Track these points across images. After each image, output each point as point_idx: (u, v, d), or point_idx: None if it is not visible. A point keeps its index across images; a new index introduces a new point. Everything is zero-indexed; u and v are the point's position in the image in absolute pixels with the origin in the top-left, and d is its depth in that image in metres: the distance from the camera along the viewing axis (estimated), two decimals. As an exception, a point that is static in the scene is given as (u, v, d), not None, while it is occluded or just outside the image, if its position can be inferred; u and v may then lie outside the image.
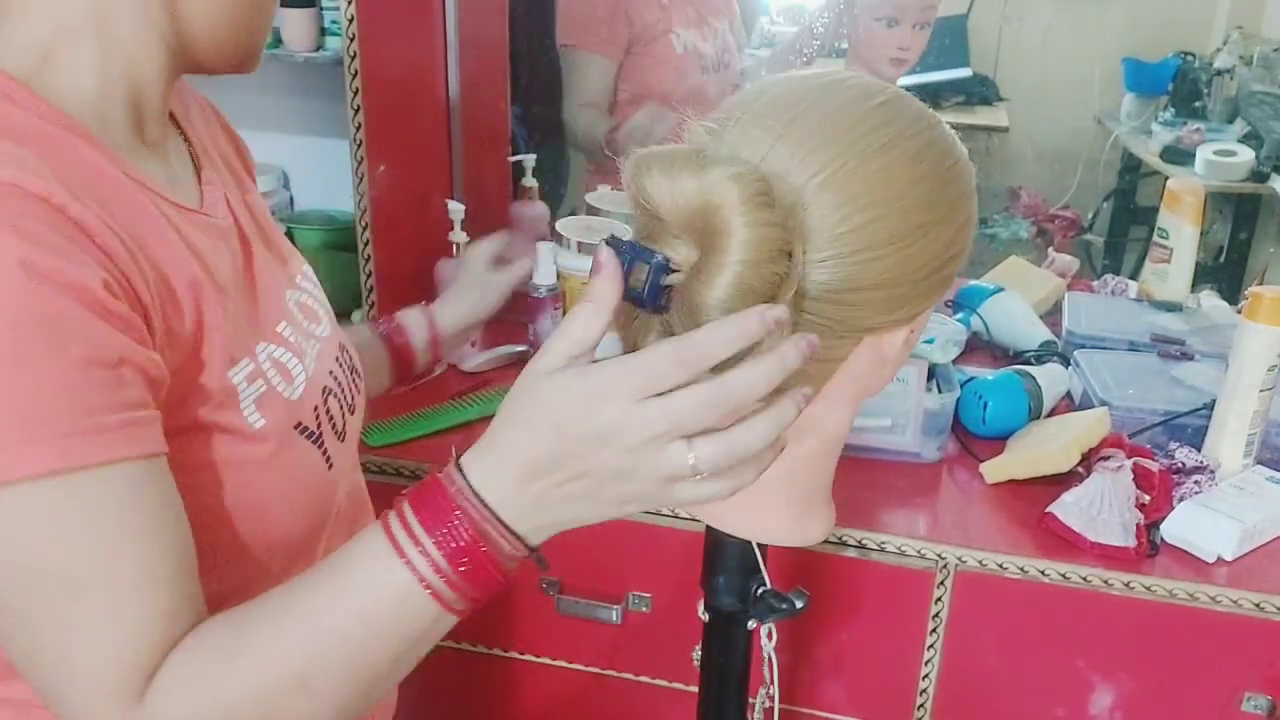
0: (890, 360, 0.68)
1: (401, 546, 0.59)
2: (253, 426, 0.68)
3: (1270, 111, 2.62)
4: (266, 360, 0.72)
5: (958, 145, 0.67)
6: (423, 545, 0.59)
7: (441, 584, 0.59)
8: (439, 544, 0.58)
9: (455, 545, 0.58)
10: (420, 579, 0.59)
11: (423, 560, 0.59)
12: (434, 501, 0.59)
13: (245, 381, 0.69)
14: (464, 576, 0.59)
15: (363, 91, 1.36)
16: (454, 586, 0.59)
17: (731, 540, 0.76)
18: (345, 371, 0.84)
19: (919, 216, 0.63)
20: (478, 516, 0.58)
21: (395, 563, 0.59)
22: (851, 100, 0.63)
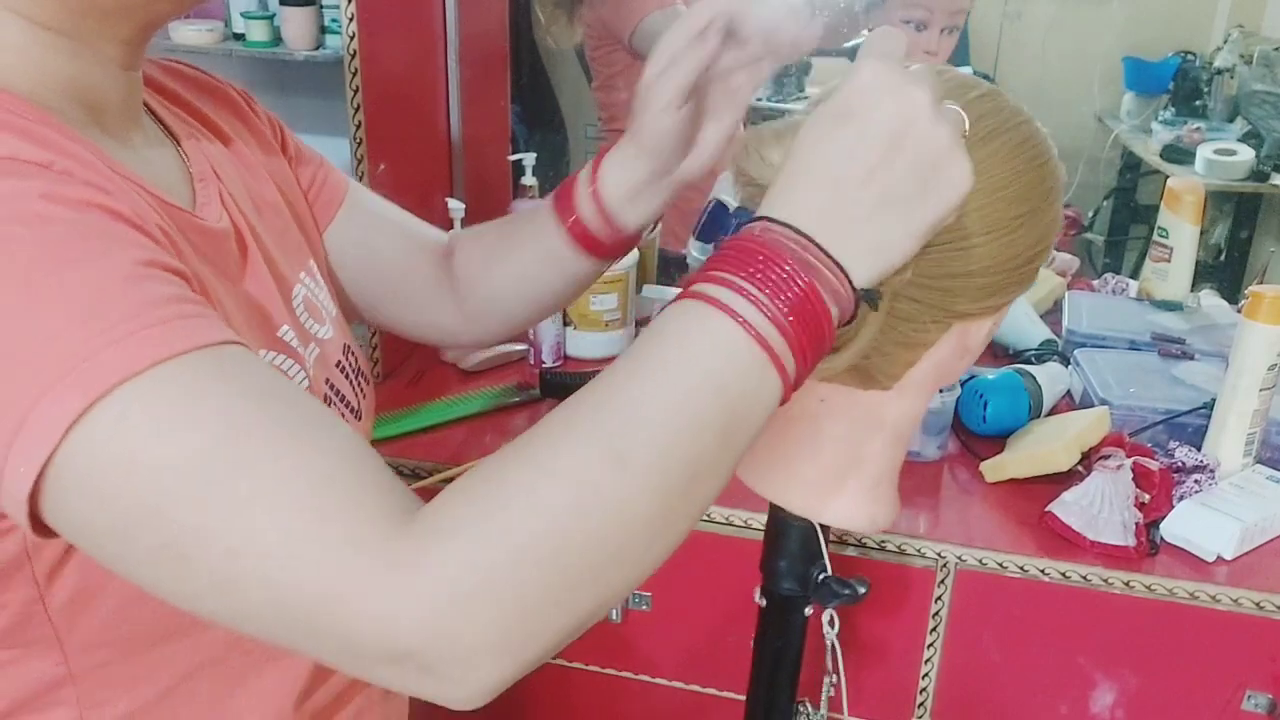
0: (972, 349, 0.69)
1: (713, 296, 0.51)
2: None
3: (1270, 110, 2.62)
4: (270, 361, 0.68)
5: (1050, 141, 0.68)
6: (736, 284, 0.51)
7: (765, 323, 0.51)
8: (753, 279, 0.51)
9: (774, 277, 0.51)
10: (740, 320, 0.51)
11: (740, 299, 0.51)
12: (736, 246, 0.53)
13: None
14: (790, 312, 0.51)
15: (363, 90, 1.36)
16: (779, 326, 0.51)
17: (794, 524, 0.76)
18: (349, 376, 0.80)
19: (1018, 207, 0.64)
20: (794, 245, 0.52)
21: (707, 310, 0.51)
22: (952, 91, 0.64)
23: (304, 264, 0.80)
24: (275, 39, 1.51)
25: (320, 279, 0.82)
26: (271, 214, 0.78)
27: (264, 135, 0.82)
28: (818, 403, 0.71)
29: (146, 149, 0.67)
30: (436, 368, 1.56)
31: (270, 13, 1.52)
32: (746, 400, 0.52)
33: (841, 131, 0.54)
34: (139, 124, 0.67)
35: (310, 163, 0.86)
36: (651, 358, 0.52)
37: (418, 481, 1.29)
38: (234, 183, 0.73)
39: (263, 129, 0.82)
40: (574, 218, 0.80)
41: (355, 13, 1.32)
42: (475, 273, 0.89)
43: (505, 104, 1.81)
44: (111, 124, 0.63)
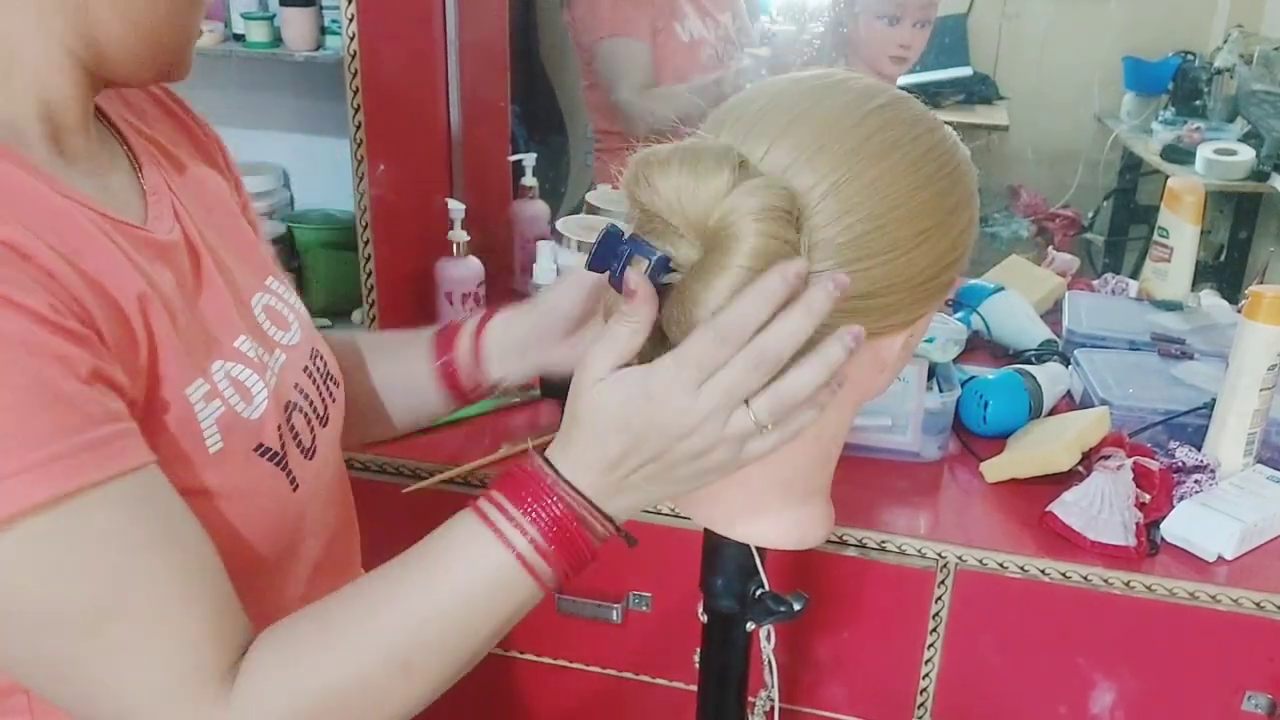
0: (889, 365, 0.68)
1: (499, 528, 0.63)
2: (210, 450, 0.65)
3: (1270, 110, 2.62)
4: (223, 379, 0.68)
5: (959, 149, 0.66)
6: (520, 525, 0.63)
7: (538, 560, 0.63)
8: (535, 522, 0.63)
9: (551, 523, 0.63)
10: (518, 556, 0.63)
11: (520, 538, 0.63)
12: (527, 486, 0.63)
13: (203, 401, 0.65)
14: (559, 552, 0.63)
15: (363, 91, 1.36)
16: (550, 561, 0.63)
17: (729, 542, 0.76)
18: (317, 381, 0.81)
19: (918, 224, 0.62)
20: (570, 499, 0.63)
21: (493, 543, 0.63)
22: (850, 103, 0.63)
23: (268, 272, 0.81)
24: (275, 40, 1.51)
25: (287, 285, 0.83)
26: (231, 225, 0.79)
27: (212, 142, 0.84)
28: None
29: (100, 167, 0.69)
30: (436, 368, 1.56)
31: (270, 14, 1.52)
32: (513, 609, 0.65)
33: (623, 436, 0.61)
34: (92, 139, 0.69)
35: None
36: (439, 577, 0.64)
37: (418, 482, 1.29)
38: (189, 197, 0.75)
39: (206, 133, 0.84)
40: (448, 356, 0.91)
41: (355, 14, 1.32)
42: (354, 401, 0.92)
43: (505, 104, 1.81)
44: (69, 142, 0.66)
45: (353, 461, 1.32)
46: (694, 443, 0.60)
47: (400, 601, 0.63)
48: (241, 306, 0.74)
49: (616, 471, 0.62)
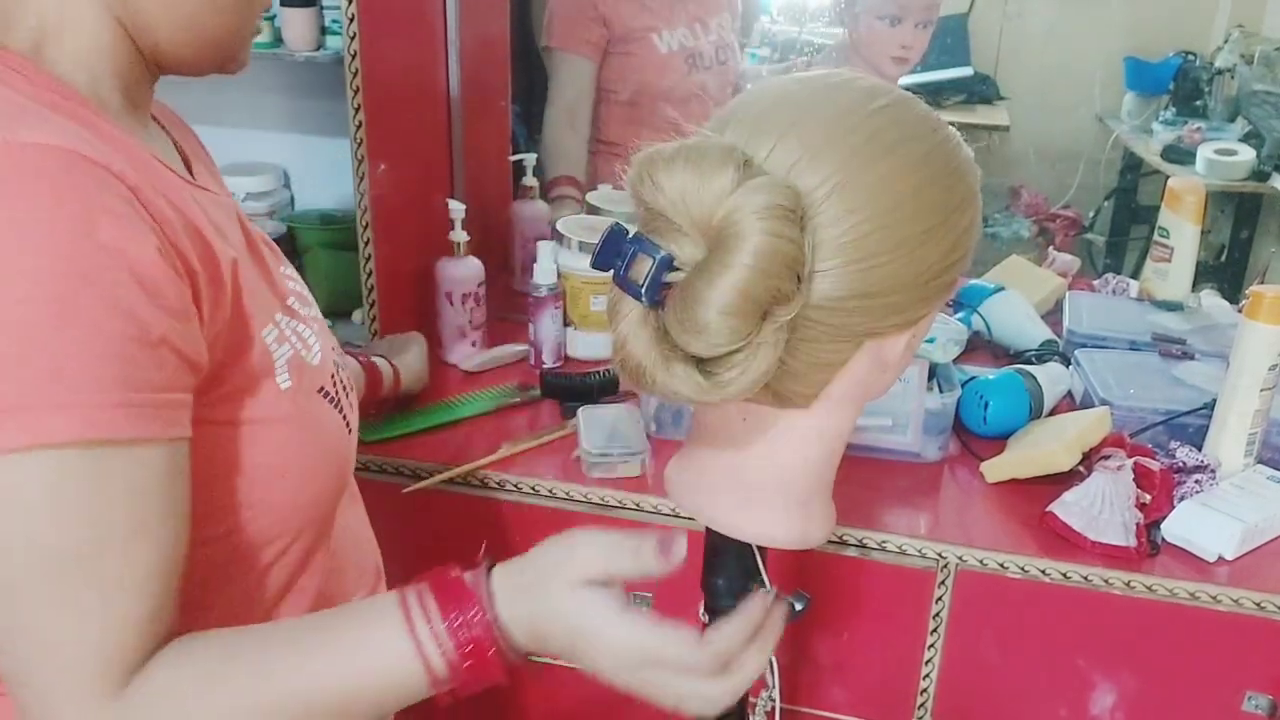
0: (891, 365, 0.68)
1: (413, 620, 0.64)
2: (282, 386, 0.70)
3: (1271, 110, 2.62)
4: (287, 328, 0.73)
5: (962, 148, 0.66)
6: (434, 626, 0.63)
7: (441, 665, 0.63)
8: (451, 629, 0.63)
9: (467, 637, 0.63)
10: (421, 655, 0.63)
11: (430, 640, 0.63)
12: (455, 591, 0.64)
13: (275, 343, 0.70)
14: (467, 668, 0.64)
15: (363, 91, 1.36)
16: (454, 673, 0.64)
17: (731, 542, 0.76)
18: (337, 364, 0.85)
19: (921, 223, 0.62)
20: (495, 624, 0.64)
21: (402, 633, 0.63)
22: (854, 103, 0.63)
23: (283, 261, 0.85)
24: (276, 40, 1.51)
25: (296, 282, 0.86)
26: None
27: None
28: (740, 421, 0.70)
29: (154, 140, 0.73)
30: (438, 368, 1.56)
31: (271, 14, 1.52)
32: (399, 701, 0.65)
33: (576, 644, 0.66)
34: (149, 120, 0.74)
35: None
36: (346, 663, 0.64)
37: (418, 482, 1.29)
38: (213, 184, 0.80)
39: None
40: None
41: (356, 14, 1.32)
42: None
43: (505, 104, 1.81)
44: (140, 110, 0.71)
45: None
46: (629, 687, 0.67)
47: (296, 665, 0.63)
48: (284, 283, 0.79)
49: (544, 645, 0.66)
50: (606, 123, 2.05)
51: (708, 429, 0.74)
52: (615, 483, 1.26)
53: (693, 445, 0.76)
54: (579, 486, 1.25)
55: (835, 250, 0.61)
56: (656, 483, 1.25)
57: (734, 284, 0.57)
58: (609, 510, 1.25)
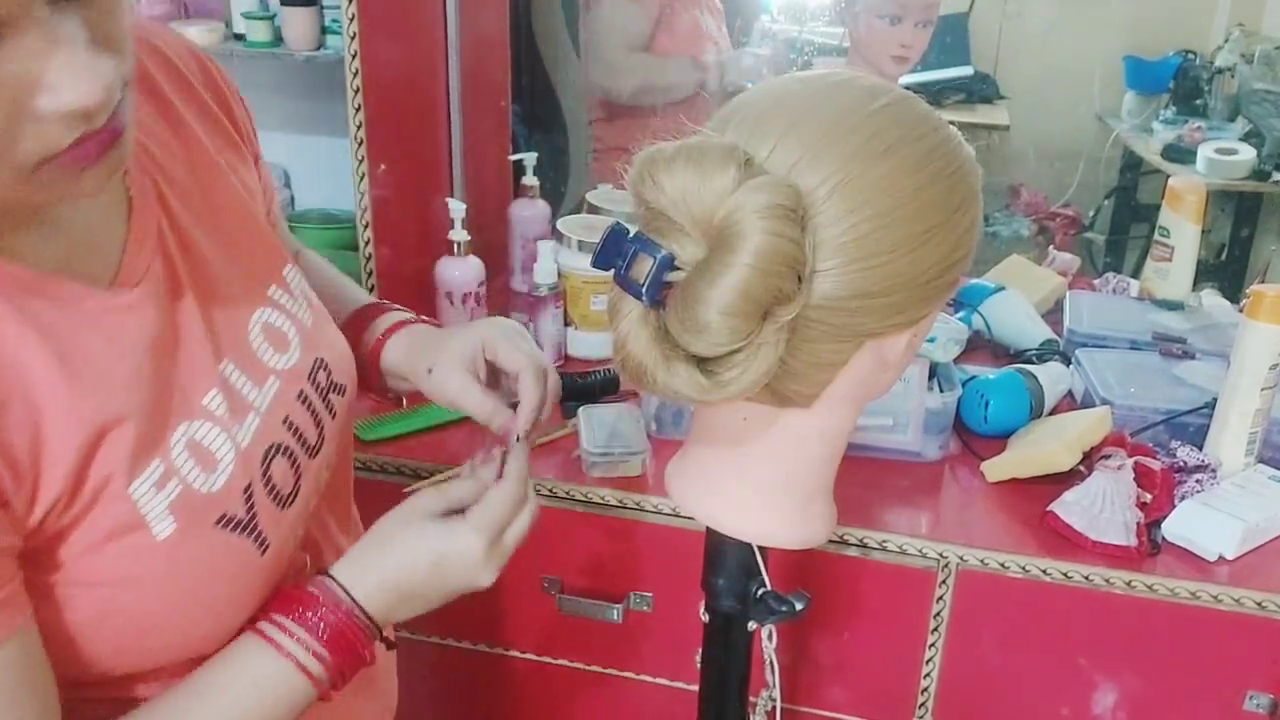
0: (893, 364, 0.68)
1: (275, 640, 0.68)
2: (159, 537, 0.63)
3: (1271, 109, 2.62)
4: (182, 451, 0.65)
5: (963, 148, 0.65)
6: (295, 635, 0.69)
7: (316, 665, 0.69)
8: (310, 631, 0.69)
9: (323, 629, 0.69)
10: (296, 665, 0.68)
11: (298, 648, 0.68)
12: (297, 599, 0.70)
13: (154, 489, 0.63)
14: (336, 658, 0.70)
15: (363, 91, 1.36)
16: (325, 665, 0.69)
17: (732, 542, 0.76)
18: (313, 403, 0.77)
19: (922, 223, 0.62)
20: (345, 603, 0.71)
21: (271, 656, 0.68)
22: (855, 103, 0.62)
23: (274, 276, 0.77)
24: (276, 39, 1.51)
25: (296, 287, 0.79)
26: (236, 225, 0.75)
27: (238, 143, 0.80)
28: (741, 421, 0.70)
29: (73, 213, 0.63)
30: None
31: (271, 13, 1.52)
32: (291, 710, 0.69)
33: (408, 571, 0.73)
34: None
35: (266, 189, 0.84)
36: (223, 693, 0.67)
37: (418, 482, 1.28)
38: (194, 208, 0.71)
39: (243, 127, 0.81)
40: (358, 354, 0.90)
41: (356, 13, 1.32)
42: None
43: (505, 104, 1.81)
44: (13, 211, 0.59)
45: (353, 461, 1.32)
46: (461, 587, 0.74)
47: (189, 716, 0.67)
48: (232, 336, 0.72)
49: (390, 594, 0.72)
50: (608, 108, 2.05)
51: (709, 428, 0.74)
52: (616, 482, 1.26)
53: (694, 445, 0.76)
54: (579, 486, 1.25)
55: (836, 250, 0.60)
56: (657, 482, 1.25)
57: (735, 284, 0.57)
58: (609, 510, 1.25)
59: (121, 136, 0.57)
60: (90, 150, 0.55)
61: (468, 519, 0.73)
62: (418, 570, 0.72)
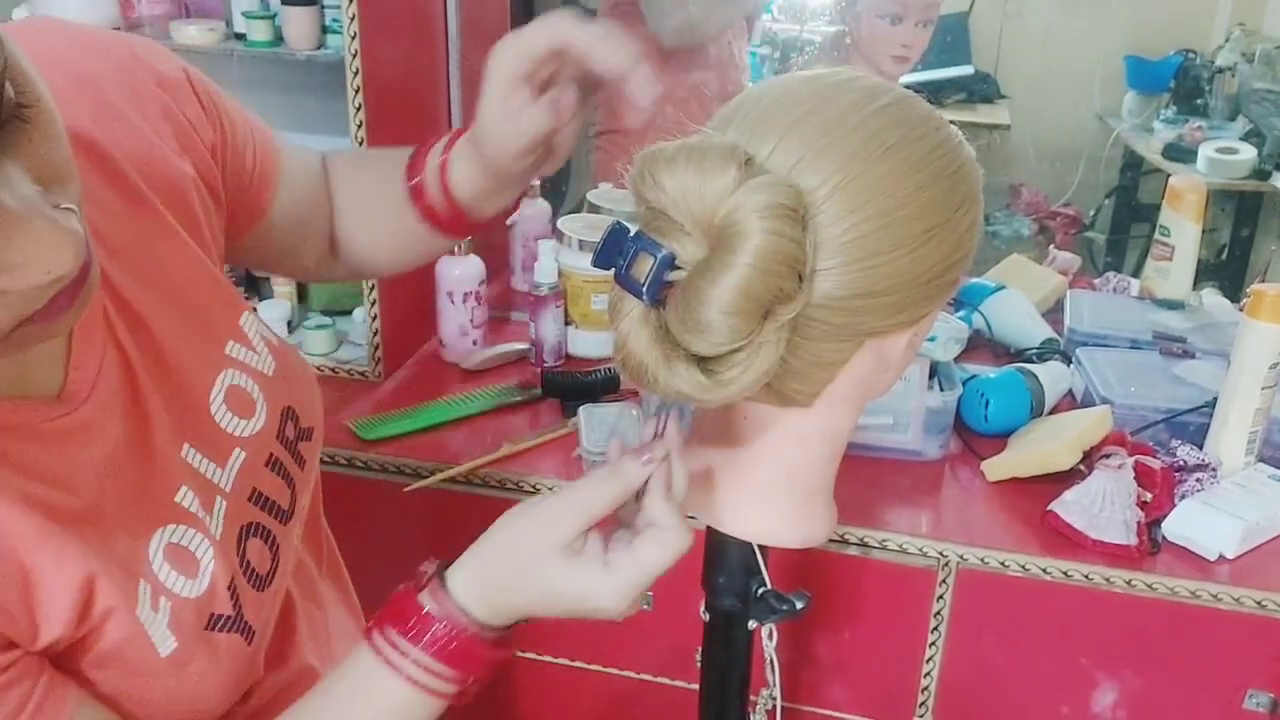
0: (894, 364, 0.68)
1: (397, 665, 0.64)
2: (164, 654, 0.62)
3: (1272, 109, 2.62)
4: (162, 563, 0.63)
5: (964, 147, 0.65)
6: (410, 655, 0.64)
7: (439, 683, 0.65)
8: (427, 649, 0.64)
9: (441, 645, 0.64)
10: (418, 686, 0.64)
11: (424, 674, 0.64)
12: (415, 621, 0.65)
13: (151, 611, 0.61)
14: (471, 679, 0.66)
15: (364, 90, 1.36)
16: (450, 680, 0.65)
17: (732, 540, 0.76)
18: (283, 462, 0.75)
19: (923, 222, 0.62)
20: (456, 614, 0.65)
21: (397, 681, 0.64)
22: (856, 102, 0.62)
23: (230, 330, 0.73)
24: (276, 39, 1.51)
25: (255, 331, 0.75)
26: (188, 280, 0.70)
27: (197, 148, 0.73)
28: (741, 420, 0.70)
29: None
30: (437, 368, 1.56)
31: (271, 12, 1.52)
32: None
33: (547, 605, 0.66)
34: None
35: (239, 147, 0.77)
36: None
37: (419, 481, 1.29)
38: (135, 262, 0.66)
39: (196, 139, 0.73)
40: (426, 203, 0.81)
41: (357, 13, 1.32)
42: (351, 234, 0.88)
43: (506, 103, 1.81)
44: None
45: (354, 461, 1.32)
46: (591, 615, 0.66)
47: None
48: (193, 416, 0.69)
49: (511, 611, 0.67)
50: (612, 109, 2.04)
51: (709, 427, 0.74)
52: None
53: (694, 444, 0.76)
54: (580, 485, 1.25)
55: (837, 249, 0.61)
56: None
57: (735, 283, 0.57)
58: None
59: (91, 266, 0.52)
60: (66, 299, 0.50)
61: (613, 573, 0.65)
62: (552, 610, 0.66)
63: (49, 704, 0.56)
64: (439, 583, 0.66)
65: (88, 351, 0.62)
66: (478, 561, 0.66)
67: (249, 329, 0.75)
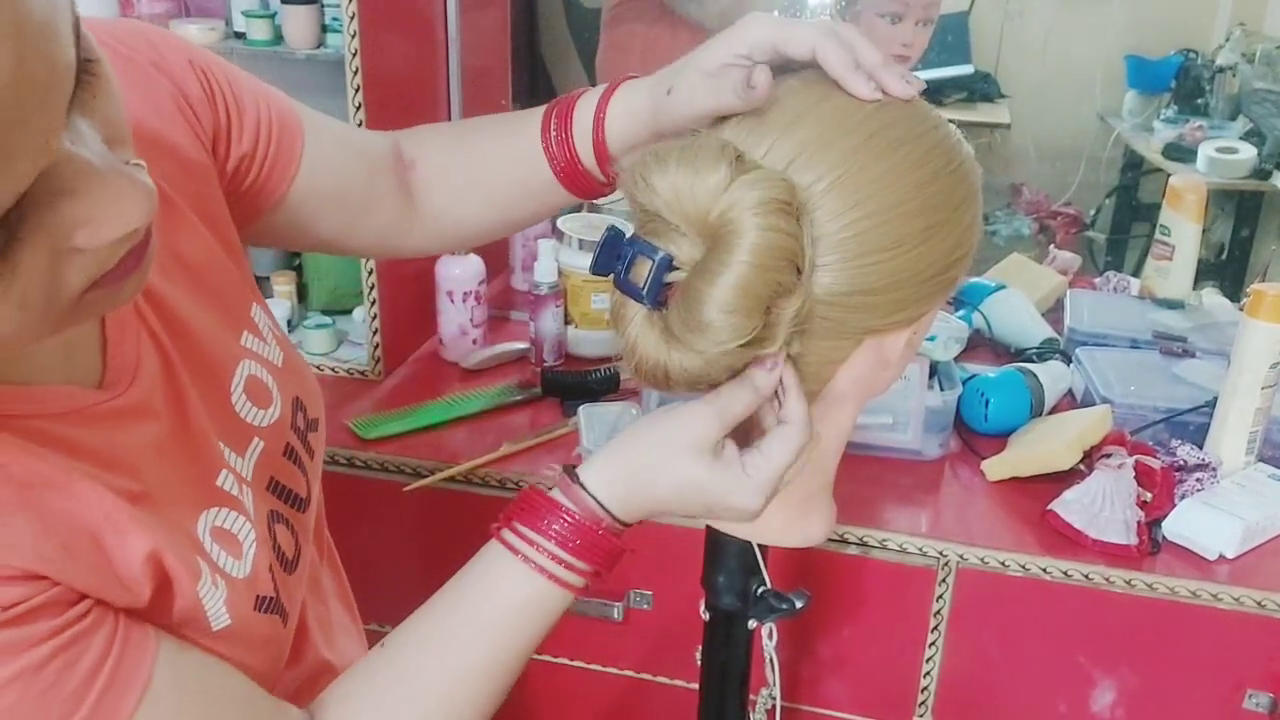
0: (893, 362, 0.68)
1: (530, 558, 0.66)
2: (216, 628, 0.62)
3: (1272, 109, 2.62)
4: (213, 544, 0.64)
5: (963, 146, 0.66)
6: (550, 550, 0.66)
7: (569, 574, 0.66)
8: (566, 547, 0.66)
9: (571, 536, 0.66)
10: (550, 576, 0.66)
11: (555, 565, 0.66)
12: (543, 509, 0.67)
13: (210, 587, 0.62)
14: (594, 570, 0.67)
15: (364, 89, 1.36)
16: (578, 571, 0.66)
17: (732, 540, 0.76)
18: (297, 452, 0.75)
19: (923, 220, 0.62)
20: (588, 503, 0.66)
21: (528, 575, 0.66)
22: (855, 101, 0.63)
23: (244, 322, 0.73)
24: (276, 38, 1.51)
25: (264, 326, 0.75)
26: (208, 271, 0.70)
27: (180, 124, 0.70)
28: None
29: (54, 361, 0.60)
30: (437, 367, 1.56)
31: (271, 11, 1.52)
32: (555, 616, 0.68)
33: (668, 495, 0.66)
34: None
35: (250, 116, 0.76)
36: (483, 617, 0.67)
37: (418, 481, 1.29)
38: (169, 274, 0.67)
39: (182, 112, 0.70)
40: (567, 163, 0.77)
41: (356, 12, 1.32)
42: (446, 197, 0.85)
43: (505, 104, 1.81)
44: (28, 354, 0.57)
45: (354, 460, 1.32)
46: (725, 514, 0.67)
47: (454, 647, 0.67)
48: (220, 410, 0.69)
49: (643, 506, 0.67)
50: None
51: None
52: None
53: None
54: (580, 485, 1.25)
55: (836, 245, 0.61)
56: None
57: (734, 281, 0.57)
58: (610, 508, 1.25)
59: (153, 231, 0.53)
60: (134, 261, 0.51)
61: (750, 473, 0.66)
62: (686, 508, 0.68)
63: (132, 642, 0.56)
64: (569, 479, 0.67)
65: (123, 339, 0.62)
66: (614, 458, 0.67)
67: (260, 321, 0.75)
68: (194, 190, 0.70)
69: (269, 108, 0.78)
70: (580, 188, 0.79)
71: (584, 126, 0.76)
